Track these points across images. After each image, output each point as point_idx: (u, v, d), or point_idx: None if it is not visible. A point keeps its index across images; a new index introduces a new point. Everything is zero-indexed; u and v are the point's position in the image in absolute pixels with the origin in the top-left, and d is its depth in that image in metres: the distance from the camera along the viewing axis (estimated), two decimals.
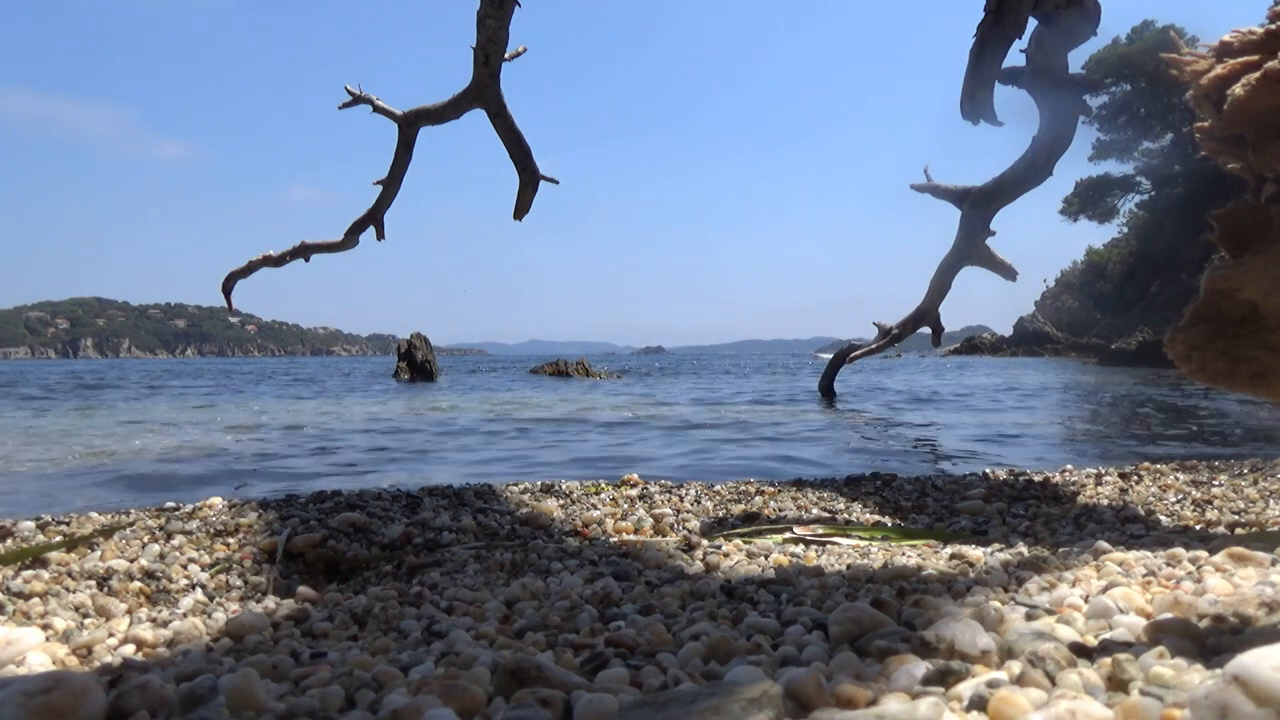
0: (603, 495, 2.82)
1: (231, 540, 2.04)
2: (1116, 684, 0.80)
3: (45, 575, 1.68)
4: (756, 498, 2.81)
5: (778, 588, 1.39)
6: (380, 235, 4.38)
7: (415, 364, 19.33)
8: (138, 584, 1.71)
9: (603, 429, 6.95)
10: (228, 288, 4.40)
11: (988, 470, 3.52)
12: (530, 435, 6.51)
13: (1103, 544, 1.63)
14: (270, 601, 1.63)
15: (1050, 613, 1.06)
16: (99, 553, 1.89)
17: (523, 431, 6.79)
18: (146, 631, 1.30)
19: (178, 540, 2.02)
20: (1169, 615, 0.99)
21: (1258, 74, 1.16)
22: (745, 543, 2.00)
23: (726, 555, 1.84)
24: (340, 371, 28.18)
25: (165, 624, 1.38)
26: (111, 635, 1.32)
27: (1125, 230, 43.43)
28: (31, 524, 2.16)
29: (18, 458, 5.10)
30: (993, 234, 4.93)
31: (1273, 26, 1.19)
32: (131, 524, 2.18)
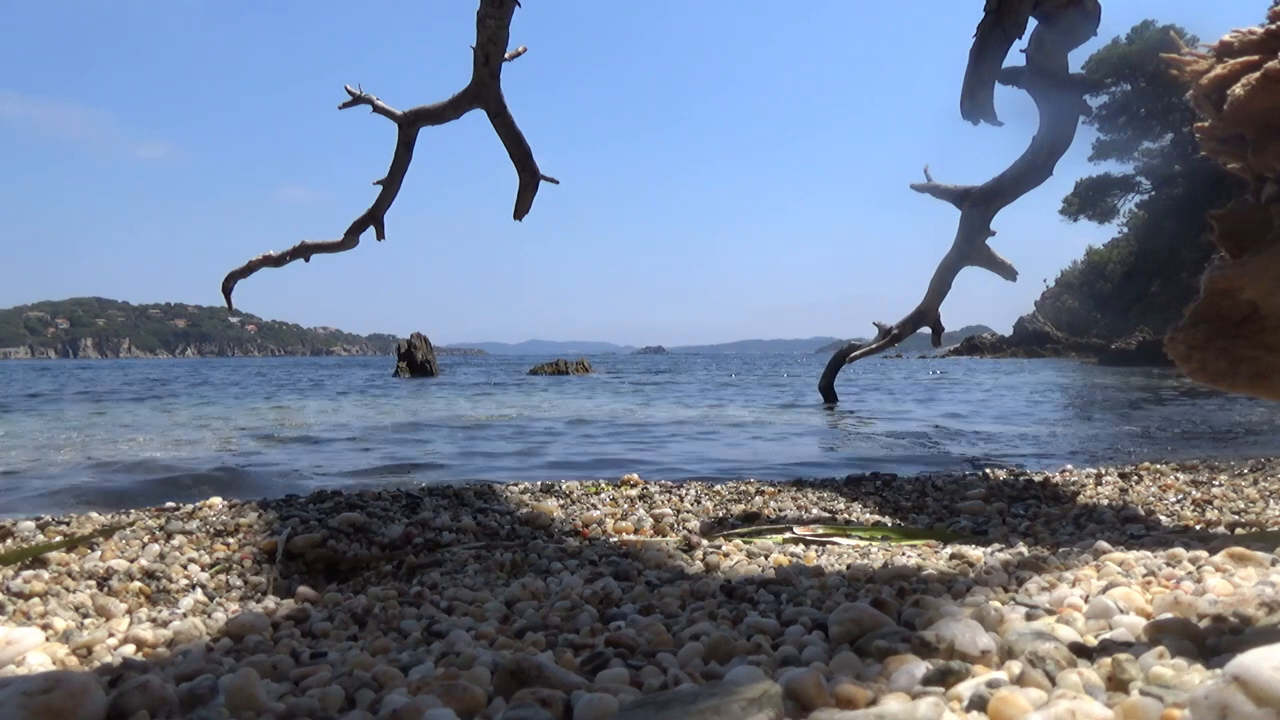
0: (603, 495, 2.82)
1: (231, 540, 2.04)
2: (1116, 684, 0.80)
3: (45, 575, 1.68)
4: (756, 498, 2.81)
5: (778, 588, 1.39)
6: (380, 235, 4.38)
7: (415, 364, 19.34)
8: (138, 584, 1.71)
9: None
10: (228, 288, 4.39)
11: (988, 470, 3.52)
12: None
13: (1103, 544, 1.63)
14: (270, 601, 1.63)
15: (1050, 613, 1.06)
16: (99, 553, 1.89)
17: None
18: (146, 631, 1.30)
19: (178, 540, 2.02)
20: (1169, 615, 0.99)
21: (1258, 74, 1.15)
22: (745, 543, 2.00)
23: (726, 555, 1.84)
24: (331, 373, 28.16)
25: (165, 624, 1.38)
26: (111, 635, 1.32)
27: (1125, 230, 43.40)
28: (31, 524, 2.16)
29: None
30: (993, 234, 4.93)
31: (1273, 26, 1.19)
32: (131, 524, 2.18)
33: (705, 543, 1.97)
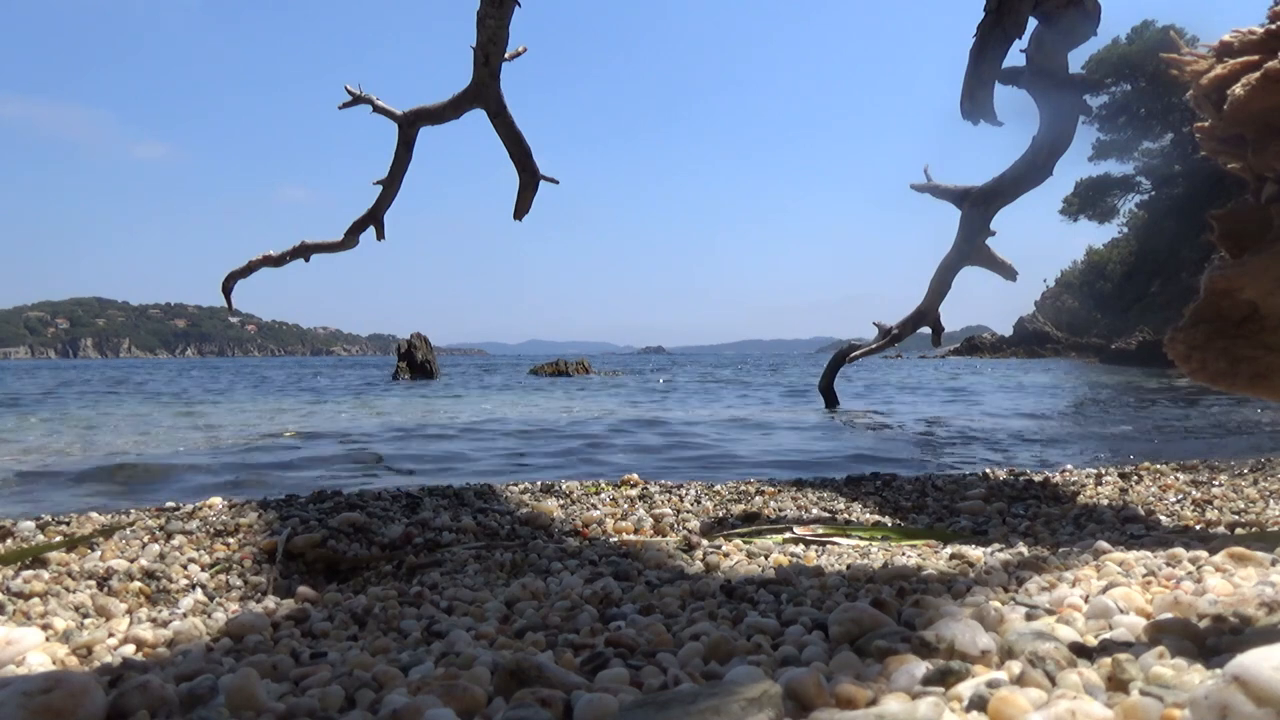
0: (603, 495, 2.82)
1: (231, 540, 2.04)
2: (1116, 684, 0.80)
3: (45, 575, 1.68)
4: (756, 498, 2.81)
5: (778, 588, 1.39)
6: (380, 235, 4.37)
7: (415, 364, 19.33)
8: (138, 584, 1.71)
9: None
10: (228, 288, 4.39)
11: (988, 470, 3.52)
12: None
13: (1103, 544, 1.62)
14: (270, 601, 1.63)
15: (1050, 613, 1.06)
16: (99, 553, 1.89)
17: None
18: (146, 631, 1.30)
19: (178, 540, 2.02)
20: (1169, 615, 0.99)
21: (1258, 74, 1.16)
22: (745, 543, 2.00)
23: (726, 555, 1.84)
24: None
25: (165, 624, 1.38)
26: (111, 635, 1.32)
27: (1125, 230, 43.40)
28: (31, 524, 2.16)
29: None
30: (993, 234, 4.93)
31: (1273, 26, 1.19)
32: (131, 524, 2.18)
33: (705, 543, 1.97)
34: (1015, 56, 4.05)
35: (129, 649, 1.26)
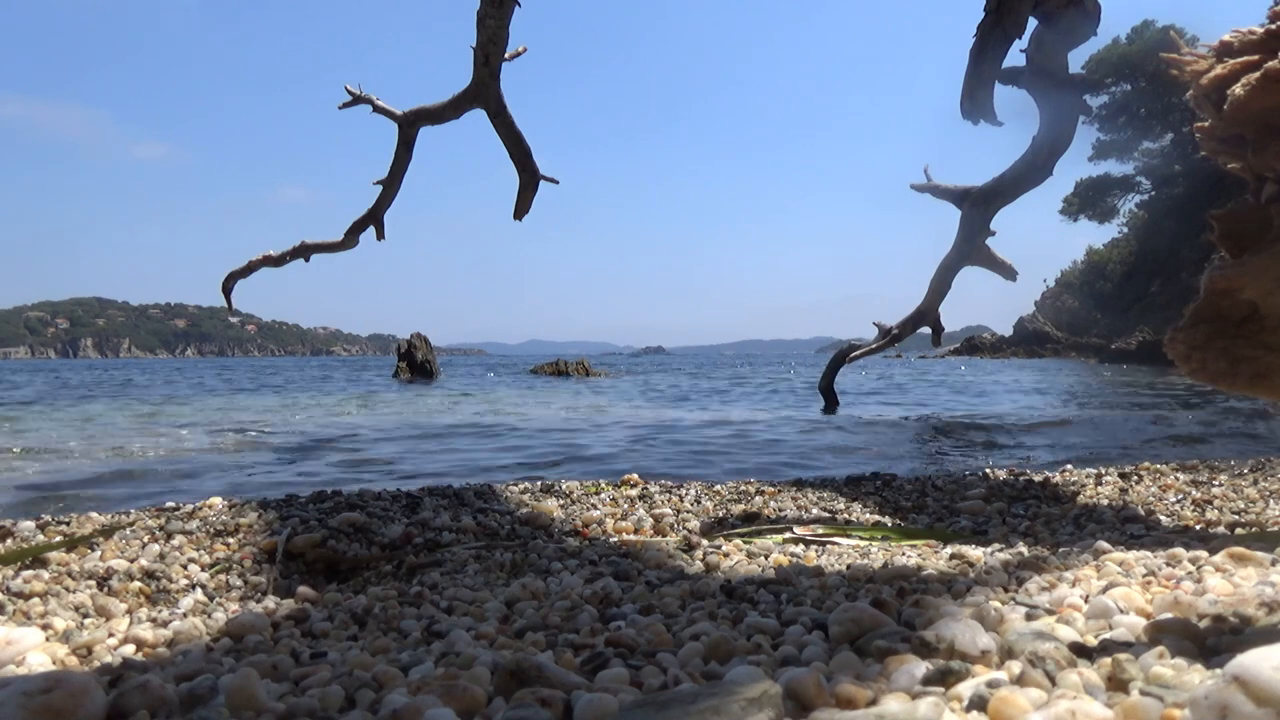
0: (603, 495, 2.82)
1: (231, 540, 2.04)
2: (1116, 684, 0.80)
3: (45, 575, 1.68)
4: (756, 498, 2.81)
5: (778, 588, 1.39)
6: (380, 235, 4.38)
7: (415, 364, 19.34)
8: (138, 584, 1.71)
9: None
10: (228, 288, 4.39)
11: (988, 470, 3.52)
12: None
13: (1103, 544, 1.62)
14: (270, 601, 1.63)
15: (1050, 613, 1.06)
16: (99, 553, 1.89)
17: None
18: (146, 631, 1.30)
19: (178, 540, 2.02)
20: (1169, 615, 0.99)
21: (1258, 74, 1.16)
22: (745, 543, 2.00)
23: (726, 555, 1.84)
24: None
25: (165, 624, 1.38)
26: (111, 635, 1.32)
27: (1125, 230, 43.43)
28: (31, 524, 2.16)
29: None
30: (993, 234, 4.93)
31: (1273, 26, 1.19)
32: (131, 524, 2.18)
33: (705, 543, 1.97)
34: (1015, 56, 4.05)
35: (129, 649, 1.26)
